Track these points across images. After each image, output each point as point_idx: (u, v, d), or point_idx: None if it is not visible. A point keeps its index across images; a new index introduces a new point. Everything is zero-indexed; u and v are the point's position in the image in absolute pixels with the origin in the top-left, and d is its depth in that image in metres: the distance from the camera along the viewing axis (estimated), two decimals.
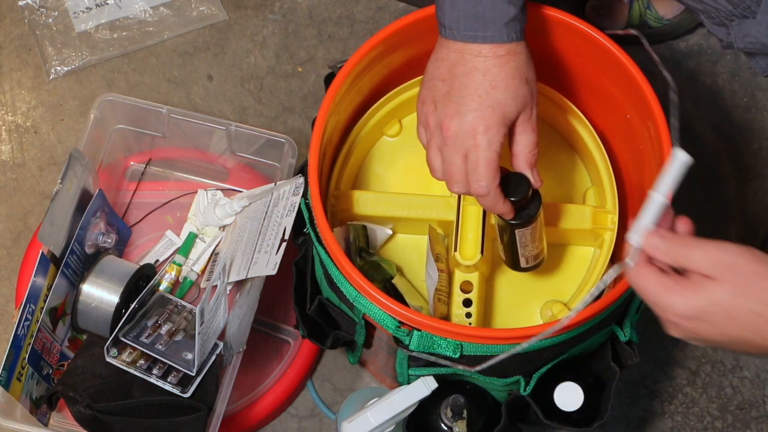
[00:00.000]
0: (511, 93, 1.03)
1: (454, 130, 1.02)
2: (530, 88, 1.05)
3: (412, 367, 1.16)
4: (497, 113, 1.02)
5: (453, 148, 1.03)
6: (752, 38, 1.10)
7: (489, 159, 1.02)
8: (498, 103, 1.02)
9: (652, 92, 1.13)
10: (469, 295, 1.18)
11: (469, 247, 1.16)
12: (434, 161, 1.07)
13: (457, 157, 1.03)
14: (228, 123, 1.39)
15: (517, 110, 1.04)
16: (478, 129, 1.02)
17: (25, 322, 1.21)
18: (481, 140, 1.02)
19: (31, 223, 1.51)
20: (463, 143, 1.02)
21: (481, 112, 1.02)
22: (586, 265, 1.22)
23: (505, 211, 1.07)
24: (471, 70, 1.03)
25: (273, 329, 1.41)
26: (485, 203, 1.06)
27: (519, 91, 1.03)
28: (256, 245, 1.28)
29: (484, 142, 1.02)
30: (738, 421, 1.44)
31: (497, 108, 1.02)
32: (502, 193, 1.05)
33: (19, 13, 1.62)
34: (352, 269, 1.08)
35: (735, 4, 1.08)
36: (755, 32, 1.09)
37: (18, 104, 1.58)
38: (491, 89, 1.02)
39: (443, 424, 1.18)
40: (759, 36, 1.09)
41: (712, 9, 1.11)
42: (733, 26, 1.12)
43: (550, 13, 1.17)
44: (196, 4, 1.63)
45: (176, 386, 1.23)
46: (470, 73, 1.03)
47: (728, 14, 1.10)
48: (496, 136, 1.02)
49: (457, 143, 1.03)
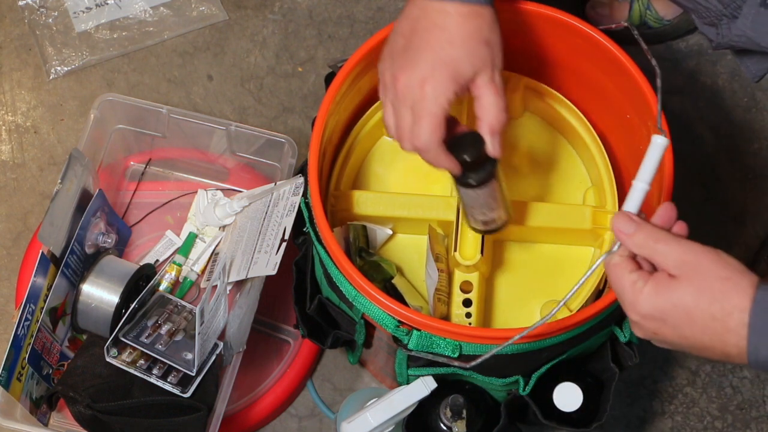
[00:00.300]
0: (468, 51, 1.01)
1: (404, 82, 1.01)
2: (491, 51, 1.02)
3: (411, 367, 1.16)
4: (449, 68, 1.00)
5: (402, 101, 1.02)
6: (738, 31, 1.09)
7: (432, 113, 1.00)
8: (452, 59, 1.00)
9: (652, 92, 1.13)
10: (468, 295, 1.18)
11: (469, 247, 1.16)
12: (388, 118, 1.05)
13: (406, 111, 1.02)
14: (228, 123, 1.39)
15: (473, 70, 1.01)
16: (427, 81, 1.00)
17: (25, 322, 1.21)
18: (428, 92, 1.00)
19: (31, 223, 1.51)
20: (411, 95, 1.01)
21: (433, 64, 1.00)
22: (586, 265, 1.22)
23: (449, 167, 1.04)
24: (431, 26, 1.01)
25: (273, 329, 1.41)
26: (426, 158, 1.04)
27: (476, 50, 1.01)
28: (256, 245, 1.28)
29: (431, 95, 1.00)
30: (738, 421, 1.44)
31: (450, 63, 1.00)
32: (445, 150, 1.03)
33: (19, 13, 1.62)
34: (352, 268, 1.09)
35: (725, 3, 1.08)
36: (741, 25, 1.09)
37: (18, 104, 1.58)
38: (447, 45, 1.01)
39: (443, 424, 1.18)
40: (744, 29, 1.09)
41: (703, 8, 1.11)
42: (722, 26, 1.12)
43: (550, 13, 1.17)
44: (196, 4, 1.63)
45: (176, 386, 1.24)
46: (430, 29, 1.01)
47: (718, 14, 1.10)
48: (444, 92, 1.00)
49: (406, 96, 1.01)
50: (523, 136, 1.28)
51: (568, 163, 1.27)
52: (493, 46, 1.03)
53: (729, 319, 0.85)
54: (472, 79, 1.02)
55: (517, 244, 1.23)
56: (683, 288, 0.87)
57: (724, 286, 0.86)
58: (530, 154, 1.27)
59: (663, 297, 0.88)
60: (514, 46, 1.23)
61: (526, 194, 1.25)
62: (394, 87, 1.02)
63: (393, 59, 1.03)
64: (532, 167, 1.26)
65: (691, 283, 0.87)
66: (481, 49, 1.01)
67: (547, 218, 1.19)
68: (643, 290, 0.89)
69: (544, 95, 1.25)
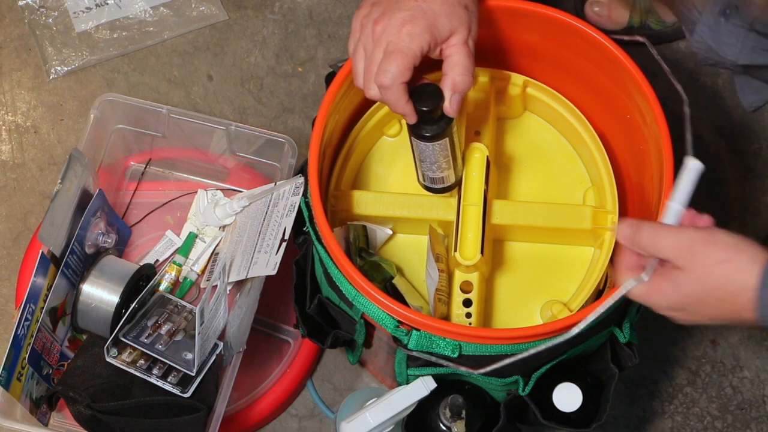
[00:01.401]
0: (447, 9, 1.03)
1: (383, 25, 1.03)
2: (468, 16, 1.05)
3: (410, 367, 1.16)
4: (428, 18, 1.02)
5: (377, 43, 1.03)
6: (698, 37, 1.10)
7: (404, 51, 1.01)
8: (431, 11, 1.02)
9: (652, 92, 1.13)
10: (469, 295, 1.18)
11: (469, 247, 1.16)
12: (357, 63, 1.06)
13: (379, 51, 1.03)
14: (228, 123, 1.39)
15: (449, 27, 1.03)
16: (405, 25, 1.02)
17: (25, 322, 1.21)
18: (405, 34, 1.02)
19: (31, 223, 1.51)
20: (387, 36, 1.02)
21: (413, 12, 1.02)
22: (586, 266, 1.22)
23: (407, 112, 1.06)
24: None
25: (273, 329, 1.41)
26: (387, 98, 1.04)
27: (454, 9, 1.03)
28: (256, 245, 1.28)
29: (407, 37, 1.02)
30: (738, 421, 1.44)
31: (429, 14, 1.02)
32: (407, 94, 1.04)
33: (19, 13, 1.62)
34: (351, 268, 1.09)
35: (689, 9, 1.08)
36: (701, 32, 1.10)
37: (18, 104, 1.58)
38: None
39: (442, 424, 1.18)
40: (704, 36, 1.10)
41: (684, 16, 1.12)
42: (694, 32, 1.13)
43: (549, 13, 1.17)
44: (196, 4, 1.63)
45: (176, 386, 1.24)
46: None
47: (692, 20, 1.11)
48: (420, 37, 1.02)
49: (382, 37, 1.03)
50: (523, 135, 1.28)
51: (568, 164, 1.27)
52: (471, 12, 1.05)
53: (737, 300, 0.90)
54: (446, 37, 1.04)
55: (517, 244, 1.23)
56: (687, 279, 0.92)
57: (723, 271, 0.90)
58: (530, 154, 1.27)
59: (675, 292, 0.93)
60: (513, 45, 1.23)
61: (526, 194, 1.25)
62: (372, 30, 1.04)
63: (373, 6, 1.05)
64: (532, 167, 1.26)
65: (693, 273, 0.92)
66: (459, 10, 1.04)
67: (547, 218, 1.19)
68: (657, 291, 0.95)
69: (544, 95, 1.25)
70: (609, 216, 1.18)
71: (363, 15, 1.06)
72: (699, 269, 0.91)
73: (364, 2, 1.07)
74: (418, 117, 1.06)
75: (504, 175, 1.25)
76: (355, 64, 1.07)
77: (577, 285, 1.20)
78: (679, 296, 0.93)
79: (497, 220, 1.18)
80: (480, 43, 1.22)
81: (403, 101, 1.04)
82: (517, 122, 1.28)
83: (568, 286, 1.21)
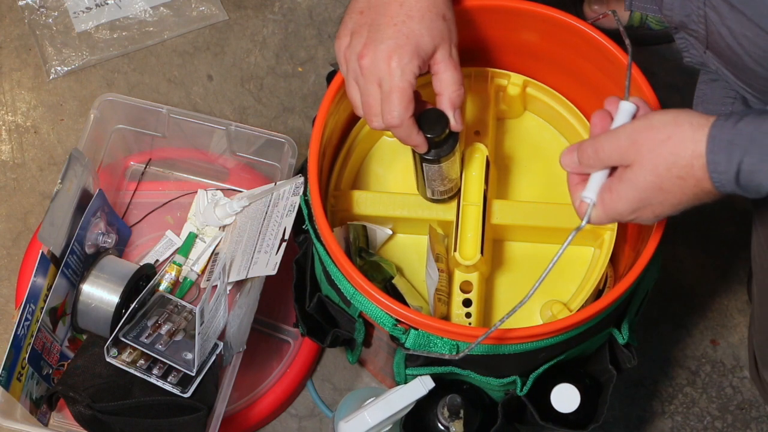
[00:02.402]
0: (426, 25, 1.03)
1: (369, 59, 1.02)
2: (447, 26, 1.05)
3: (409, 367, 1.16)
4: (412, 42, 1.02)
5: (368, 77, 1.03)
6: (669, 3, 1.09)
7: (401, 88, 1.01)
8: (413, 32, 1.02)
9: (652, 92, 1.14)
10: (468, 295, 1.18)
11: (469, 247, 1.16)
12: (353, 95, 1.06)
13: (373, 87, 1.03)
14: (228, 123, 1.39)
15: (433, 44, 1.03)
16: (392, 57, 1.01)
17: (25, 322, 1.21)
18: (395, 68, 1.01)
19: (31, 223, 1.51)
20: (378, 71, 1.02)
21: (396, 40, 1.02)
22: (586, 266, 1.22)
23: (418, 143, 1.07)
24: (389, 1, 1.03)
25: (273, 329, 1.41)
26: (398, 134, 1.05)
27: (434, 24, 1.03)
28: (256, 245, 1.28)
29: (398, 70, 1.01)
30: (738, 421, 1.44)
31: (412, 37, 1.02)
32: (416, 126, 1.05)
33: (19, 13, 1.62)
34: (350, 267, 1.09)
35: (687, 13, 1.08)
36: None
37: (18, 104, 1.58)
38: (407, 19, 1.02)
39: (440, 424, 1.18)
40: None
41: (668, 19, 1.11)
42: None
43: (548, 12, 1.17)
44: (196, 4, 1.63)
45: (176, 386, 1.24)
46: (388, 3, 1.03)
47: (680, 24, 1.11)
48: (409, 65, 1.02)
49: (372, 72, 1.02)
50: (523, 135, 1.28)
51: None
52: (449, 21, 1.05)
53: (693, 172, 0.89)
54: (431, 54, 1.04)
55: (516, 244, 1.23)
56: (640, 171, 0.90)
57: (669, 148, 0.89)
58: (530, 154, 1.27)
59: (630, 189, 0.92)
60: (513, 45, 1.23)
61: (525, 194, 1.25)
62: (358, 64, 1.03)
63: (353, 36, 1.04)
64: (532, 167, 1.26)
65: (642, 164, 0.90)
66: (438, 23, 1.04)
67: (546, 218, 1.19)
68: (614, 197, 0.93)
69: (544, 95, 1.25)
70: None
71: (344, 46, 1.05)
72: (646, 157, 0.90)
73: (342, 29, 1.06)
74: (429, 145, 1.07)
75: (504, 175, 1.25)
76: (351, 96, 1.07)
77: (576, 285, 1.21)
78: (637, 192, 0.91)
79: (497, 220, 1.18)
80: (479, 44, 1.22)
81: (414, 133, 1.05)
82: (516, 122, 1.28)
83: (568, 286, 1.21)
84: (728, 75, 1.07)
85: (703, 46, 1.07)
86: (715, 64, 1.08)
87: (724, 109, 1.11)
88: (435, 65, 1.05)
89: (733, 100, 1.11)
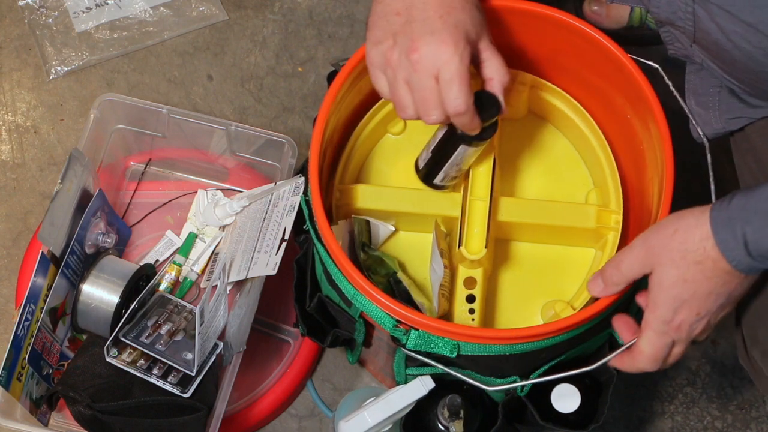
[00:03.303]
0: (469, 14, 1.03)
1: (424, 51, 1.01)
2: (481, 15, 1.06)
3: (409, 367, 1.16)
4: (461, 31, 1.02)
5: (423, 71, 1.02)
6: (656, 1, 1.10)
7: (462, 74, 1.01)
8: (460, 22, 1.02)
9: (652, 92, 1.13)
10: (472, 291, 1.18)
11: (476, 241, 1.16)
12: (403, 97, 1.04)
13: (428, 80, 1.02)
14: (228, 123, 1.39)
15: (476, 32, 1.04)
16: (449, 44, 1.01)
17: (25, 322, 1.21)
18: (453, 55, 1.01)
19: (31, 223, 1.51)
20: (434, 63, 1.01)
21: (448, 29, 1.02)
22: (588, 266, 1.22)
23: (476, 126, 1.07)
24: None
25: (273, 329, 1.41)
26: (462, 121, 1.05)
27: (474, 13, 1.04)
28: (256, 245, 1.28)
29: (456, 57, 1.01)
30: (738, 421, 1.44)
31: (460, 26, 1.02)
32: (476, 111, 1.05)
33: (19, 13, 1.62)
34: (350, 266, 1.09)
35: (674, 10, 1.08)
36: None
37: (18, 104, 1.58)
38: (451, 10, 1.02)
39: (440, 424, 1.18)
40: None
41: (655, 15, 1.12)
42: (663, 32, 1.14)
43: (550, 13, 1.17)
44: (196, 4, 1.63)
45: (176, 386, 1.24)
46: (427, 1, 1.03)
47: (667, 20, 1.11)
48: (465, 52, 1.02)
49: (428, 65, 1.01)
50: (527, 135, 1.28)
51: (570, 165, 1.27)
52: (482, 10, 1.06)
53: (708, 254, 0.93)
54: (476, 42, 1.04)
55: (519, 244, 1.23)
56: (661, 271, 0.96)
57: (679, 238, 0.94)
58: (533, 154, 1.27)
59: (660, 293, 0.96)
60: (513, 45, 1.23)
61: (528, 194, 1.25)
62: (409, 60, 1.02)
63: (396, 37, 1.03)
64: (535, 167, 1.26)
65: (661, 262, 0.96)
66: (477, 12, 1.05)
67: (552, 216, 1.19)
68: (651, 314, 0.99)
69: (549, 94, 1.25)
70: (613, 216, 1.18)
71: (386, 48, 1.04)
72: (662, 255, 0.95)
73: (376, 34, 1.05)
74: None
75: (507, 175, 1.25)
76: (399, 99, 1.05)
77: (578, 286, 1.21)
78: (667, 291, 0.96)
79: (503, 216, 1.18)
80: None
81: (476, 119, 1.06)
82: (520, 122, 1.28)
83: (570, 287, 1.21)
84: (714, 68, 1.10)
85: (690, 40, 1.09)
86: (701, 57, 1.10)
87: (713, 98, 1.14)
88: (483, 52, 1.05)
89: (719, 88, 1.14)
